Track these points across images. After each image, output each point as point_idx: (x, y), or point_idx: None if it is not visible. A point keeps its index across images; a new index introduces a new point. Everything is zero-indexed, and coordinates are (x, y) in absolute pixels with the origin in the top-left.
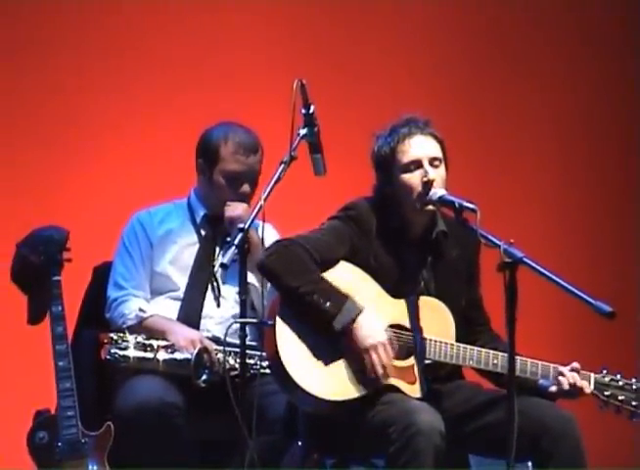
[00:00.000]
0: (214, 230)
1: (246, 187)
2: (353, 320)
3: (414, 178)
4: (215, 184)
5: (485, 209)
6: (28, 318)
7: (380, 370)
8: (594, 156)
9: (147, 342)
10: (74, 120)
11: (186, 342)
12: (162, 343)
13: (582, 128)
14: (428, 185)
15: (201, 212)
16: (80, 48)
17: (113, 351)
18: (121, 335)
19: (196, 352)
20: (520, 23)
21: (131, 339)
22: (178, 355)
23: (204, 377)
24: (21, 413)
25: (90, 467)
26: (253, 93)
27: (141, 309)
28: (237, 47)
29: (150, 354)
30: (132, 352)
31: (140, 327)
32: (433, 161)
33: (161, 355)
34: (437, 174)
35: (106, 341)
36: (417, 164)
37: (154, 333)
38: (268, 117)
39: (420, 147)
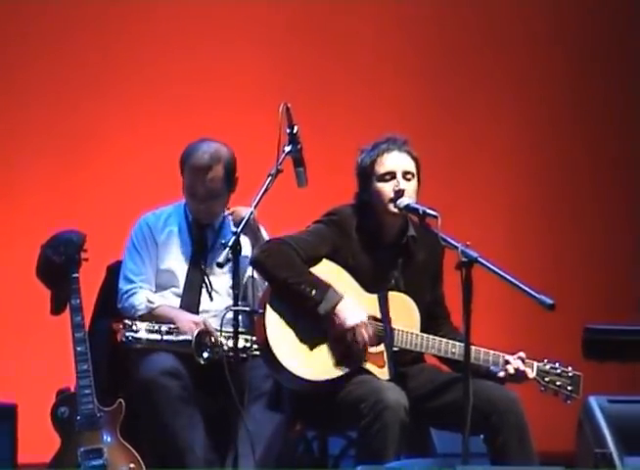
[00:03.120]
0: (203, 233)
1: (203, 203)
2: (335, 306)
3: (387, 187)
4: (185, 196)
5: (450, 215)
6: (51, 310)
7: (362, 343)
8: (550, 167)
9: (155, 326)
10: (93, 139)
11: (189, 326)
12: (167, 327)
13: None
14: (398, 193)
15: (191, 217)
16: (95, 60)
17: (127, 334)
18: (134, 320)
19: (195, 333)
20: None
21: (142, 324)
22: (181, 337)
23: (205, 355)
24: (45, 391)
25: (104, 437)
26: (247, 113)
27: (149, 300)
28: (237, 74)
29: (157, 336)
30: (143, 335)
31: (150, 316)
32: (405, 174)
33: (167, 337)
34: (409, 186)
35: (121, 326)
36: (391, 175)
37: (162, 320)
38: (258, 135)
39: (395, 161)
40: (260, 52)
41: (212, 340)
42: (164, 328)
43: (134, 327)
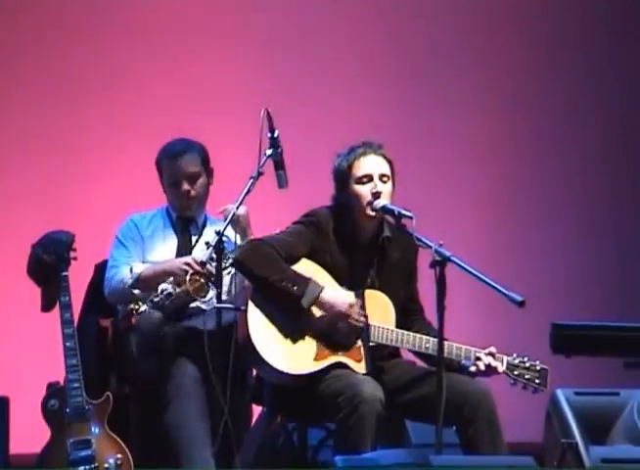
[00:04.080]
0: (187, 228)
1: (185, 185)
2: (317, 297)
3: (365, 189)
4: (166, 191)
5: (425, 215)
6: (42, 307)
7: (362, 320)
8: (508, 172)
9: (153, 297)
10: (83, 147)
11: (182, 268)
12: (163, 291)
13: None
14: (376, 195)
15: (174, 215)
16: (83, 64)
17: (138, 317)
18: (137, 303)
19: (188, 278)
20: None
21: (145, 300)
22: (178, 290)
23: (209, 295)
24: (36, 385)
25: (92, 429)
26: (230, 119)
27: (132, 269)
28: (220, 81)
29: (159, 303)
30: (149, 307)
31: (139, 281)
32: (382, 176)
33: (166, 299)
34: (385, 188)
35: (130, 314)
36: (368, 178)
37: (155, 279)
38: (240, 139)
39: (372, 164)
40: (243, 59)
41: (207, 273)
42: (162, 294)
43: (138, 307)
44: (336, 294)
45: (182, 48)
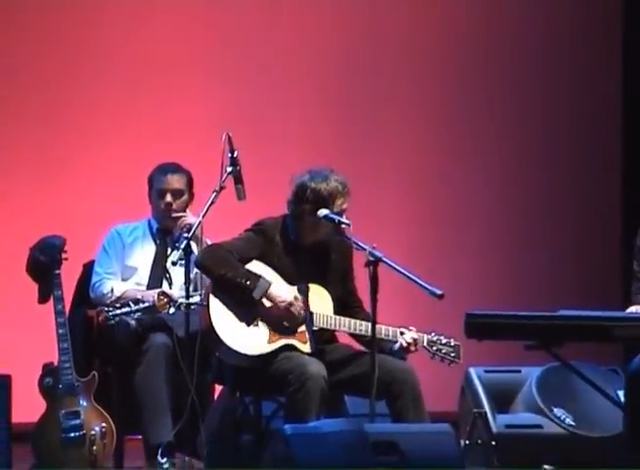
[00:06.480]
0: (165, 238)
1: (168, 197)
2: (267, 291)
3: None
4: (152, 202)
5: (360, 222)
6: (38, 299)
7: (302, 313)
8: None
9: (124, 303)
10: (74, 157)
11: (151, 294)
12: (134, 299)
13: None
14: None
15: (155, 227)
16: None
17: (106, 315)
18: (110, 305)
19: (156, 294)
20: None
21: (116, 305)
22: (146, 303)
23: (171, 310)
24: (34, 365)
25: (81, 402)
26: (196, 140)
27: (115, 289)
28: (188, 108)
29: (127, 308)
30: (117, 311)
31: (119, 301)
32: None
33: (135, 307)
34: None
35: (101, 312)
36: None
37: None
38: (206, 159)
39: (345, 206)
40: (205, 92)
41: (171, 297)
42: (131, 301)
43: (110, 309)
44: (282, 288)
45: (154, 83)
